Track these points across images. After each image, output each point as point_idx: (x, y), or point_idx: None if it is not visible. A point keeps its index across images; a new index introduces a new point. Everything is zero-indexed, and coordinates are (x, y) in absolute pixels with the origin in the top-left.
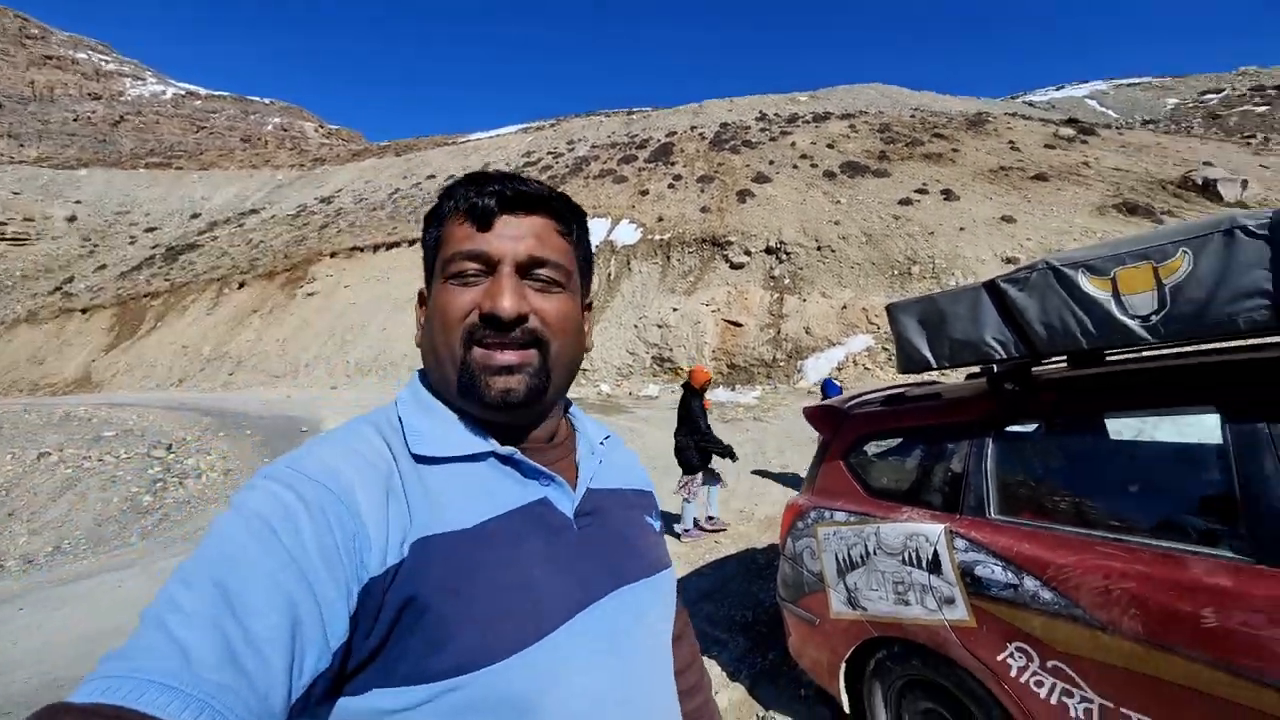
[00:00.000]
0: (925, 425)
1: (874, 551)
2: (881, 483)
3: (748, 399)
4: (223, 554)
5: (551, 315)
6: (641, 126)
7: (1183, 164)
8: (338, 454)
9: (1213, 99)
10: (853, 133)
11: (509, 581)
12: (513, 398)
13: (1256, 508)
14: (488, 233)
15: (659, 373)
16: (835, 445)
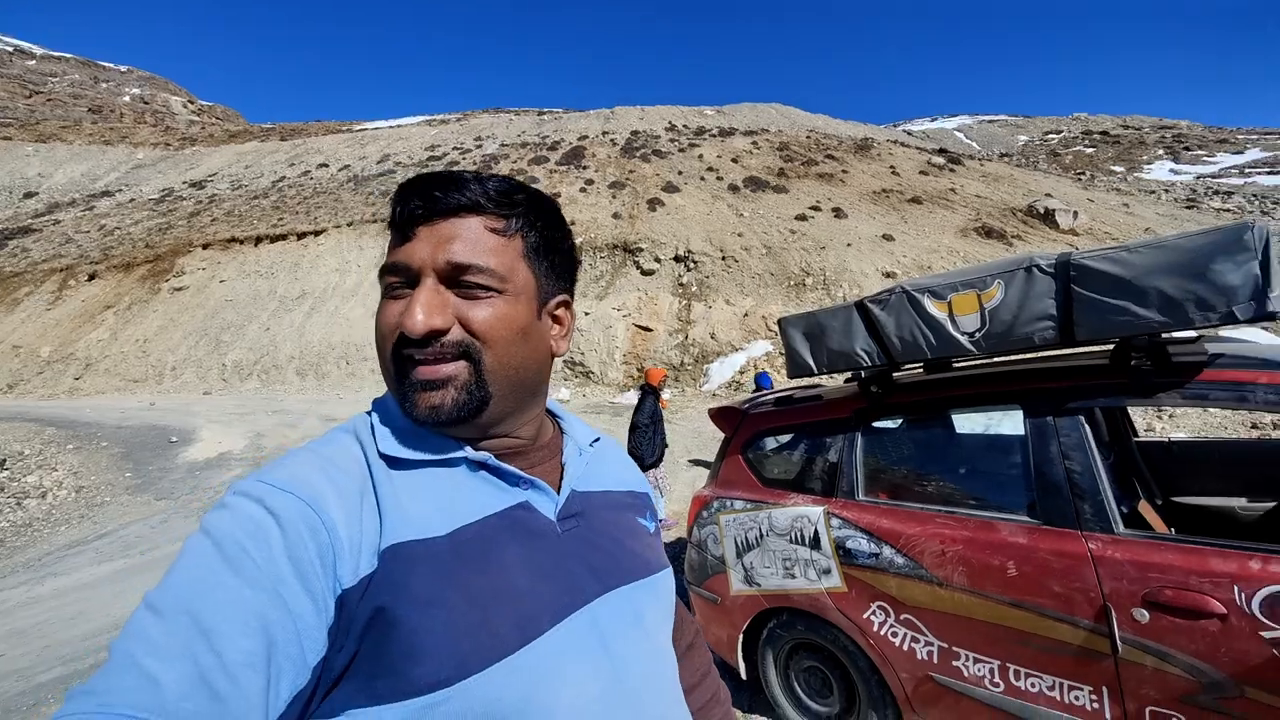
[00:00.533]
0: (808, 422)
1: (766, 533)
2: (773, 473)
3: None
4: (192, 579)
5: (480, 324)
6: (553, 128)
7: (1029, 194)
8: (309, 462)
9: (1053, 139)
10: (755, 149)
11: (487, 589)
12: (441, 415)
13: (1044, 482)
14: (410, 243)
15: (570, 376)
16: (735, 441)
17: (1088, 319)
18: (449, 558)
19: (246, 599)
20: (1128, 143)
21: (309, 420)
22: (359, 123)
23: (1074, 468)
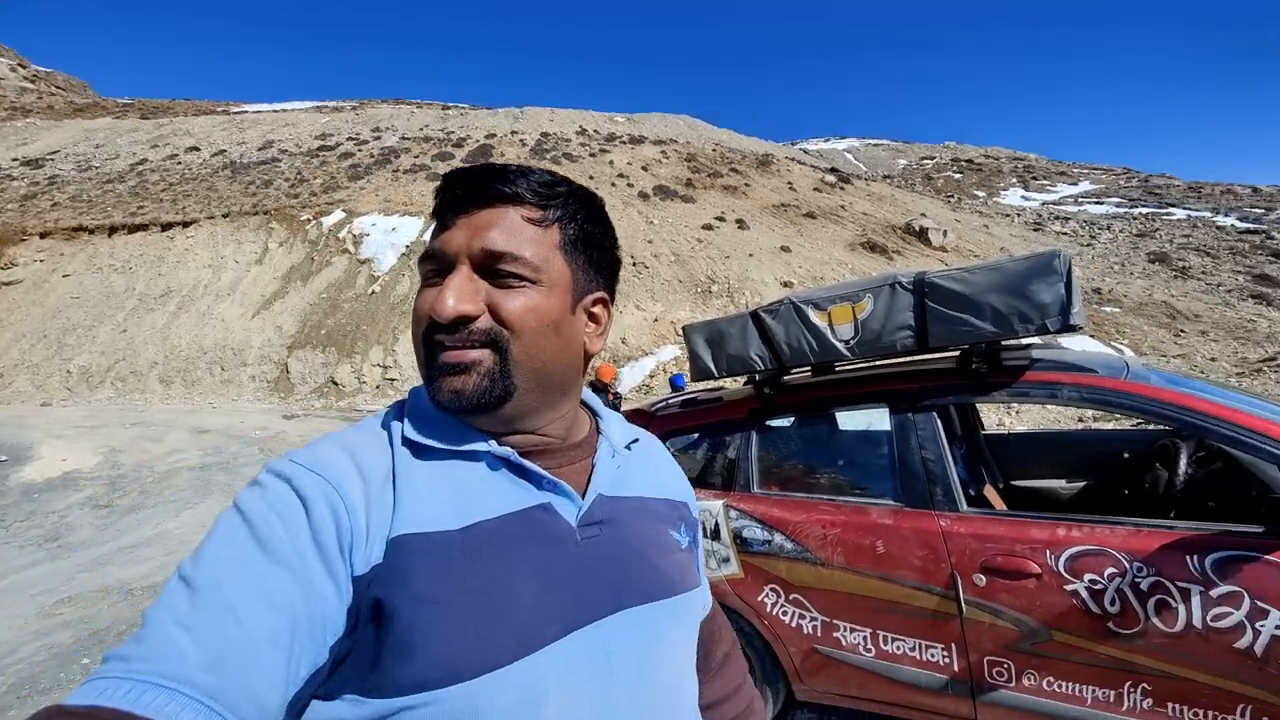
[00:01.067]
0: (710, 423)
1: None
2: None
3: None
4: (222, 554)
5: (509, 313)
6: (459, 124)
7: (907, 213)
8: (339, 444)
9: (928, 164)
10: (664, 159)
11: (491, 592)
12: (462, 400)
13: (905, 470)
14: (448, 231)
15: None
16: None
17: (938, 329)
18: (457, 555)
19: (273, 577)
20: (988, 171)
21: (176, 433)
22: (237, 105)
23: (929, 456)
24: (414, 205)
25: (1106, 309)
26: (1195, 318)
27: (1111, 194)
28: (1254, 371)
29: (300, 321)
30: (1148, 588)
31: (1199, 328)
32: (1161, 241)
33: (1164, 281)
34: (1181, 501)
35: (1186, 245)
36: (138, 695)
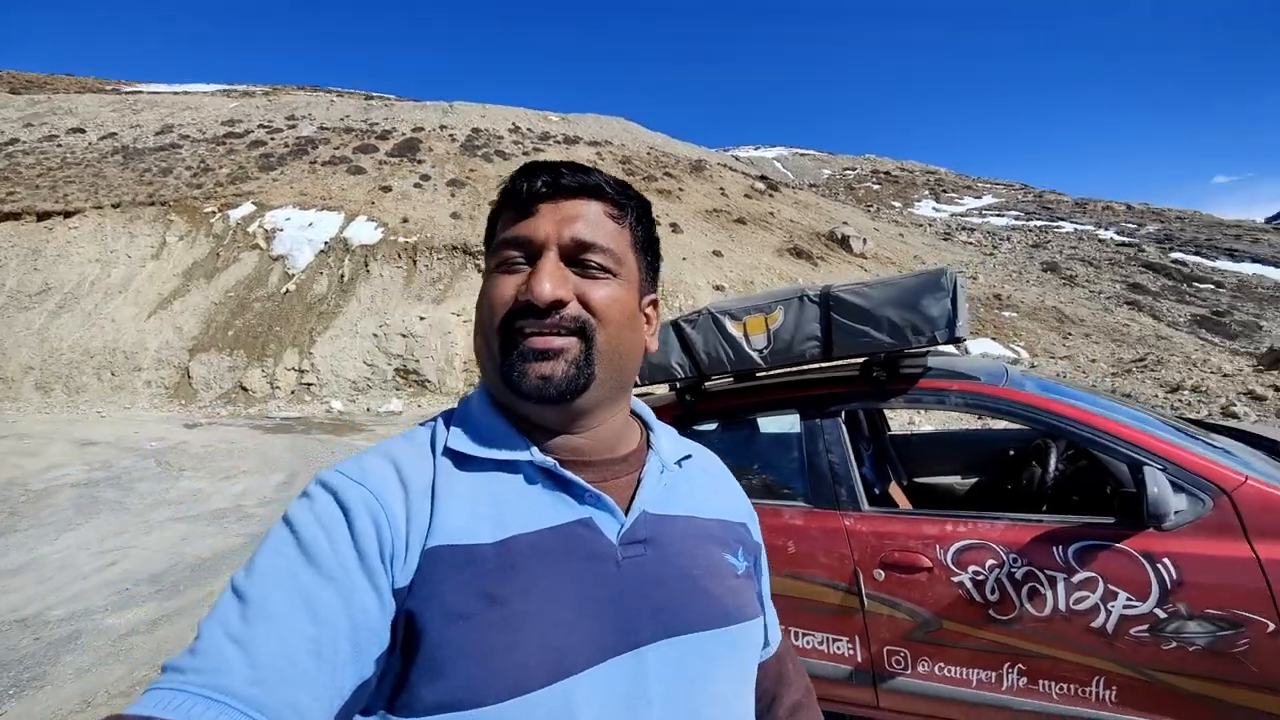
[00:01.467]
0: None
1: None
2: None
3: None
4: (269, 566)
5: (598, 302)
6: (383, 115)
7: (831, 221)
8: (385, 454)
9: (850, 174)
10: (599, 160)
11: (524, 611)
12: (550, 387)
13: (814, 472)
14: (531, 218)
15: (402, 386)
16: None
17: (841, 340)
18: (492, 570)
19: (318, 589)
20: (904, 183)
21: (56, 445)
22: (130, 84)
23: (834, 459)
24: (333, 199)
25: (1006, 314)
26: (1080, 322)
27: (1011, 207)
28: (1125, 371)
29: (204, 322)
30: (1021, 577)
31: (1083, 331)
32: (1053, 252)
33: (1054, 289)
34: (1053, 496)
35: (1073, 256)
36: (189, 708)
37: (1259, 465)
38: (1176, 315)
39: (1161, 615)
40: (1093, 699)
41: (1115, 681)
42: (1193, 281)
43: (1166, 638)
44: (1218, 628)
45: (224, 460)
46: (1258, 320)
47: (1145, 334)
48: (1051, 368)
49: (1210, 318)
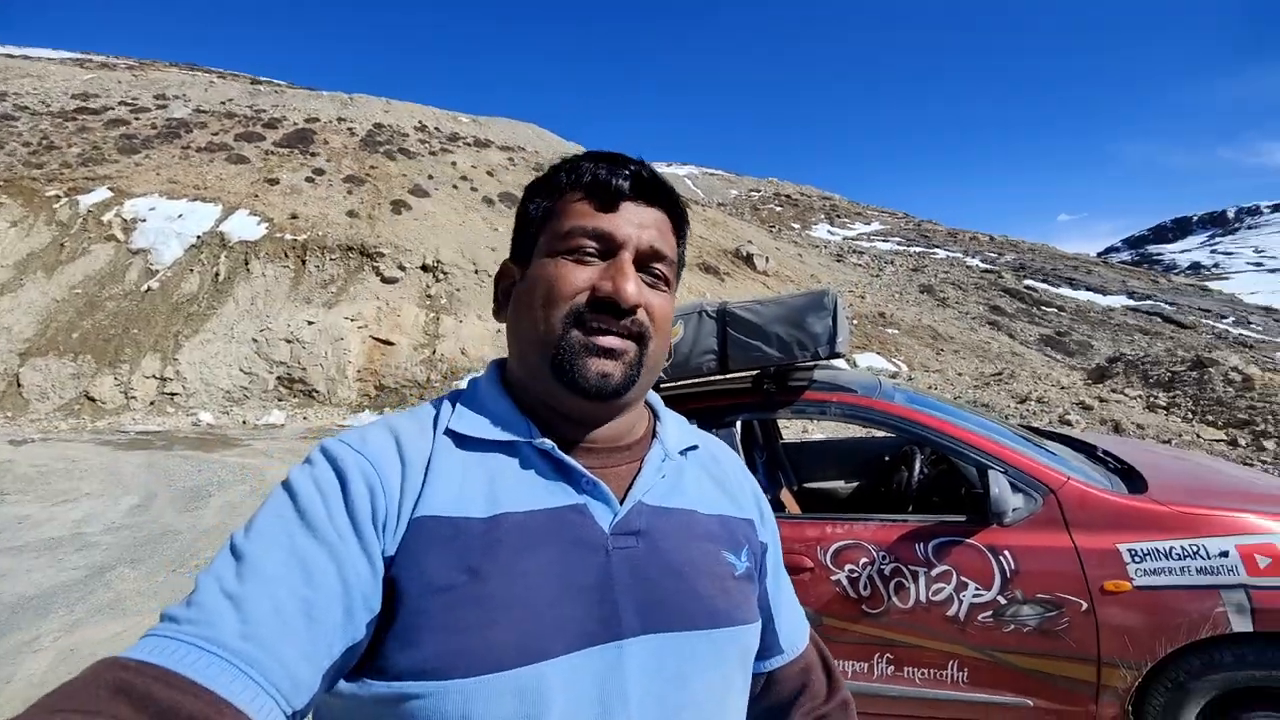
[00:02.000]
0: None
1: None
2: None
3: None
4: (267, 526)
5: (657, 311)
6: (272, 102)
7: (737, 240)
8: (386, 426)
9: (755, 195)
10: (511, 165)
11: (505, 590)
12: (608, 384)
13: None
14: (613, 214)
15: (286, 397)
16: None
17: (736, 354)
18: (477, 545)
19: (312, 551)
20: (803, 207)
21: None
22: None
23: None
24: (209, 189)
25: (889, 330)
26: (951, 339)
27: (895, 234)
28: (985, 384)
29: (41, 322)
30: (889, 573)
31: (953, 347)
32: (929, 276)
33: (929, 309)
34: (918, 497)
35: (946, 280)
36: (182, 655)
37: (1078, 466)
38: (1028, 335)
39: (1002, 601)
40: (948, 681)
41: (967, 664)
42: (1041, 305)
43: (1006, 621)
44: (1045, 609)
45: (61, 481)
46: (1090, 340)
47: (1003, 350)
48: (925, 380)
49: (1054, 337)
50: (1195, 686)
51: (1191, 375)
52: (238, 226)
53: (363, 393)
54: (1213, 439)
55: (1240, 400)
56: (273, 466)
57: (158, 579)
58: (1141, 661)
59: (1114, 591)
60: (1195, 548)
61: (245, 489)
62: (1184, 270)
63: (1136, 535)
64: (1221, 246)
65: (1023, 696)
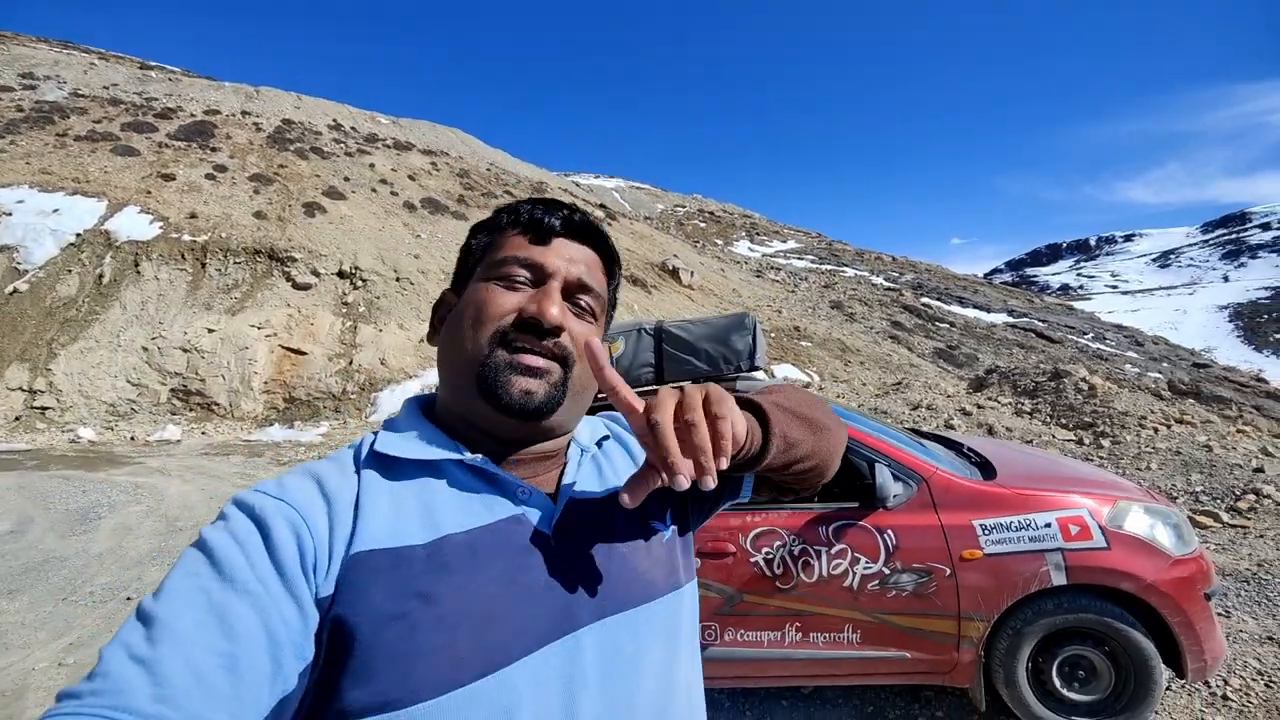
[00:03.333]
0: None
1: None
2: None
3: (311, 436)
4: (180, 586)
5: (580, 339)
6: (166, 90)
7: (663, 253)
8: (306, 472)
9: (680, 211)
10: (434, 170)
11: (460, 608)
12: (531, 401)
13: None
14: (544, 248)
15: (182, 410)
16: None
17: (671, 367)
18: (423, 570)
19: (233, 605)
20: (725, 223)
21: None
22: None
23: None
24: (92, 183)
25: (803, 344)
26: (858, 351)
27: (809, 252)
28: (885, 393)
29: None
30: (798, 553)
31: (860, 359)
32: (839, 293)
33: (839, 323)
34: (822, 489)
35: (854, 297)
36: None
37: (946, 460)
38: (924, 348)
39: (886, 572)
40: (845, 643)
41: (859, 627)
42: (935, 321)
43: (889, 588)
44: (919, 576)
45: None
46: (976, 353)
47: (902, 362)
48: (835, 389)
49: (946, 350)
50: (1028, 631)
51: (1050, 384)
52: (126, 225)
53: (270, 405)
54: (1065, 439)
55: (1087, 405)
56: (171, 485)
57: (45, 609)
58: (990, 614)
59: (969, 559)
60: (1027, 521)
61: (141, 509)
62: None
63: (986, 513)
64: (1085, 271)
65: (903, 650)
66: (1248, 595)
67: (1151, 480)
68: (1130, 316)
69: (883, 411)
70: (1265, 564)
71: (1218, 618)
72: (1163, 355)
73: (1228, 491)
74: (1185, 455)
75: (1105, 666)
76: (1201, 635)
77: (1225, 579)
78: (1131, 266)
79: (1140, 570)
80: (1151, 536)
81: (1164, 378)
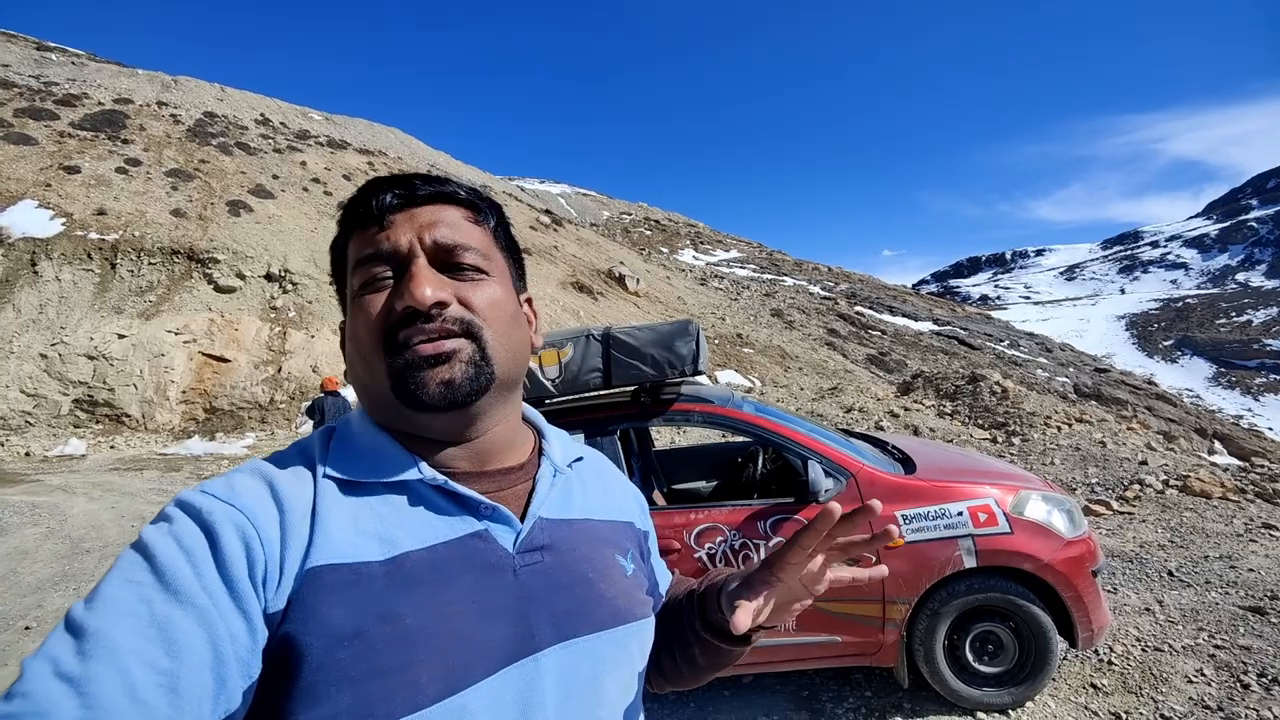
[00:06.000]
0: None
1: None
2: None
3: (235, 449)
4: (117, 595)
5: (479, 301)
6: (69, 75)
7: (609, 260)
8: (255, 473)
9: (627, 218)
10: (371, 170)
11: (417, 628)
12: (454, 391)
13: None
14: (388, 230)
15: (86, 423)
16: None
17: (618, 372)
18: (380, 587)
19: (175, 618)
20: (670, 232)
21: None
22: None
23: None
24: None
25: (745, 350)
26: (796, 358)
27: (751, 262)
28: (821, 397)
29: None
30: (738, 547)
31: (798, 365)
32: (779, 301)
33: (780, 330)
34: (762, 485)
35: (793, 305)
36: None
37: (872, 456)
38: (857, 354)
39: None
40: (782, 630)
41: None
42: (868, 329)
43: None
44: (848, 563)
45: None
46: (905, 359)
47: (838, 368)
48: (774, 394)
49: (877, 356)
50: (945, 610)
51: (968, 388)
52: (21, 220)
53: (189, 416)
54: (981, 438)
55: (1000, 407)
56: (77, 503)
57: None
58: (911, 597)
59: (893, 547)
60: (942, 511)
61: (39, 531)
62: (975, 301)
63: (907, 504)
64: (1002, 282)
65: (834, 635)
66: (1131, 573)
67: (1054, 474)
68: (1041, 325)
69: (819, 414)
70: (1145, 545)
71: (1104, 592)
72: (1069, 361)
73: (1118, 482)
74: (1084, 451)
75: (1010, 640)
76: (1090, 607)
77: (1113, 559)
78: (1042, 279)
79: (1038, 551)
80: (1048, 521)
81: (1070, 381)
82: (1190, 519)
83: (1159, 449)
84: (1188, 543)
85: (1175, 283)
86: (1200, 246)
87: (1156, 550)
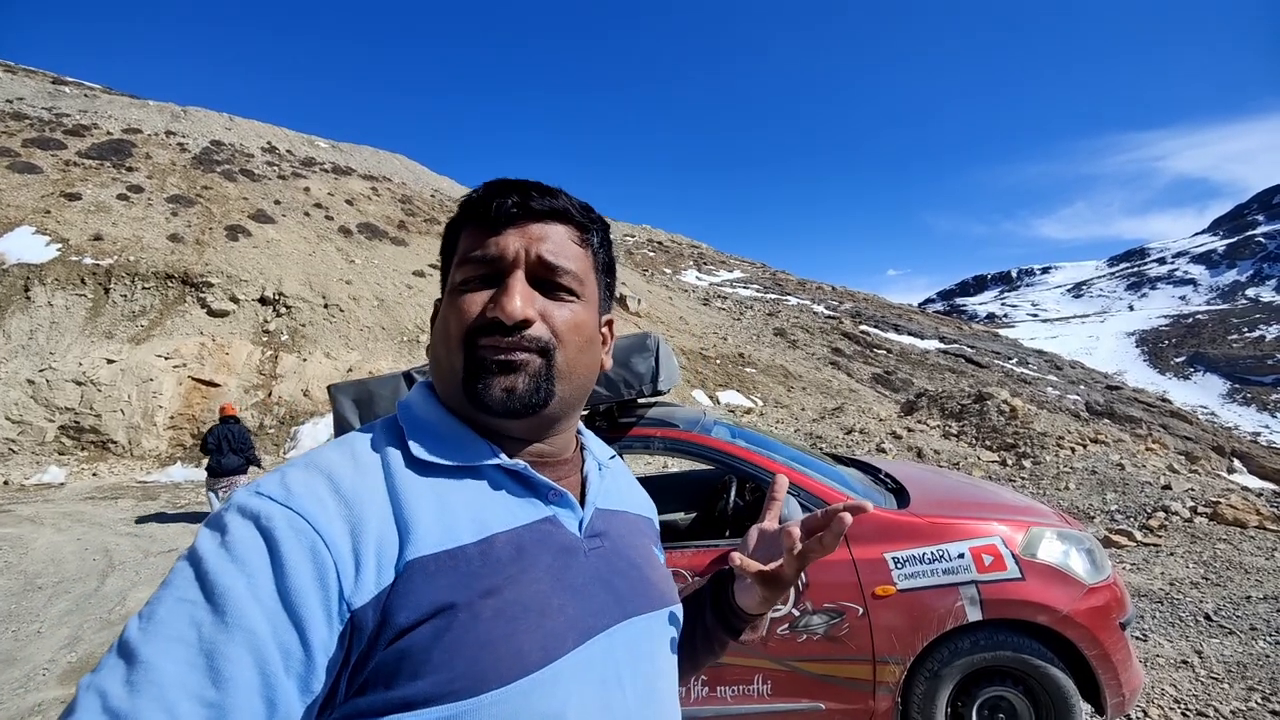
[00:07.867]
0: None
1: None
2: None
3: None
4: (167, 618)
5: (560, 324)
6: (80, 106)
7: None
8: (317, 468)
9: (630, 240)
10: (374, 195)
11: (516, 601)
12: (514, 400)
13: None
14: (497, 237)
15: (71, 449)
16: None
17: None
18: (478, 567)
19: (218, 645)
20: (673, 253)
21: None
22: None
23: None
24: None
25: (748, 370)
26: (800, 377)
27: (754, 281)
28: (823, 418)
29: None
30: None
31: (802, 385)
32: (782, 321)
33: (783, 350)
34: (733, 521)
35: (796, 324)
36: None
37: (858, 486)
38: (862, 374)
39: (796, 614)
40: (755, 695)
41: (770, 676)
42: (873, 348)
43: (800, 631)
44: (830, 617)
45: None
46: (911, 378)
47: (842, 387)
48: (776, 414)
49: (883, 375)
50: (946, 672)
51: (975, 407)
52: (17, 246)
53: (176, 442)
54: (989, 460)
55: (1008, 427)
56: (42, 535)
57: None
58: (906, 657)
59: (882, 596)
60: (940, 552)
61: (14, 559)
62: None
63: (899, 544)
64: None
65: (816, 701)
66: (1162, 617)
67: (1069, 500)
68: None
69: (817, 436)
70: (1176, 583)
71: (1134, 644)
72: (1080, 378)
73: (1140, 509)
74: (1100, 474)
75: (1025, 707)
76: (1118, 667)
77: (1140, 599)
78: (1049, 296)
79: (1055, 601)
80: (1065, 564)
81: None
82: (1225, 551)
83: (1182, 471)
84: (1225, 580)
85: (1184, 299)
86: (1208, 262)
87: (1189, 589)
